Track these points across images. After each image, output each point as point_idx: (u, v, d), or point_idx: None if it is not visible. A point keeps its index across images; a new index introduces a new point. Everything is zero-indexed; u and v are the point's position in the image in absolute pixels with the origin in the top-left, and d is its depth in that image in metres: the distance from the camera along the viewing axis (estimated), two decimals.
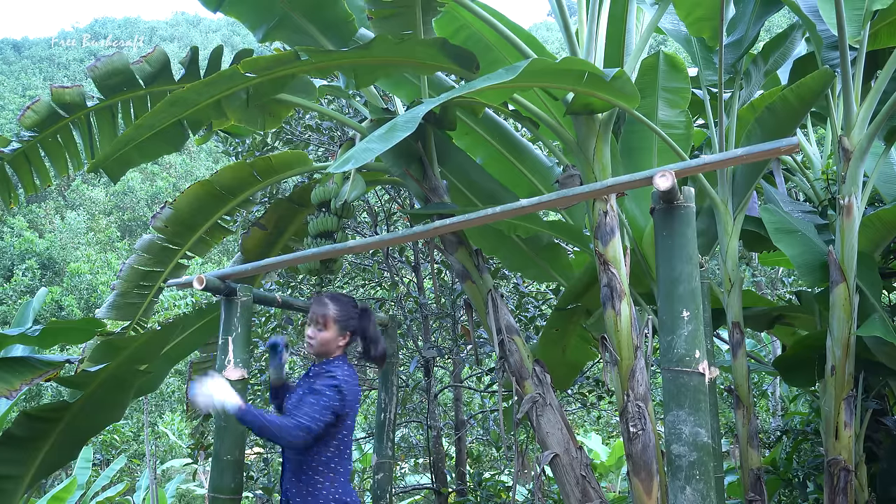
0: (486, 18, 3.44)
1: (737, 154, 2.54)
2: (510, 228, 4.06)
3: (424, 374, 5.90)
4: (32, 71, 49.33)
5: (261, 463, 6.09)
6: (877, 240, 3.68)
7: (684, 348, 2.57)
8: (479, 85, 2.67)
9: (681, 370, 2.56)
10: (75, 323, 4.55)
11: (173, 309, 10.35)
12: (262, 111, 3.86)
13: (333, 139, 5.72)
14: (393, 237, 3.66)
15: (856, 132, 3.46)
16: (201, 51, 3.85)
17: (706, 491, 2.49)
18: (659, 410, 5.70)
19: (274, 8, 3.60)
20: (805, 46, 4.33)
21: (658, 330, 2.93)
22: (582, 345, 4.47)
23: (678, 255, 2.57)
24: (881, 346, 3.49)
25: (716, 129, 3.79)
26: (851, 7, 3.42)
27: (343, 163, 2.57)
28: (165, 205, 4.34)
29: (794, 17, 3.99)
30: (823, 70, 3.57)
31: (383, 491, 4.35)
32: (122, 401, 4.14)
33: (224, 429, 3.35)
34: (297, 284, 5.90)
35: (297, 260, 3.44)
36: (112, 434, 12.32)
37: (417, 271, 6.14)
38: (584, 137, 3.39)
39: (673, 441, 2.55)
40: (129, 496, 10.47)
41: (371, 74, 3.28)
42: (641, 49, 3.60)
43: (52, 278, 24.70)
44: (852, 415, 3.44)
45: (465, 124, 4.08)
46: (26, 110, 3.88)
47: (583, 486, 3.39)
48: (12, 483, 3.96)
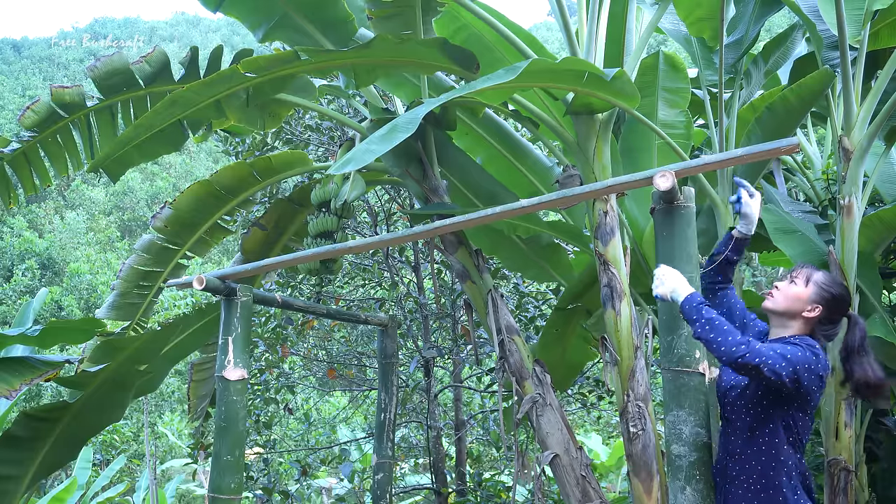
0: (486, 18, 3.43)
1: (737, 154, 2.54)
2: (510, 228, 4.06)
3: (424, 374, 5.90)
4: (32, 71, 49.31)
5: (261, 463, 6.09)
6: (877, 240, 3.68)
7: (684, 348, 2.58)
8: (479, 85, 2.68)
9: (681, 370, 2.57)
10: (75, 323, 4.56)
11: (173, 309, 10.35)
12: (261, 111, 3.86)
13: (333, 139, 5.72)
14: (393, 237, 3.66)
15: (856, 132, 3.45)
16: (201, 51, 3.85)
17: (706, 491, 2.49)
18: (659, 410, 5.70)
19: (274, 8, 3.60)
20: (805, 46, 4.32)
21: (658, 330, 2.93)
22: (582, 345, 4.46)
23: (678, 255, 2.57)
24: (881, 346, 3.48)
25: (716, 129, 3.79)
26: (851, 7, 3.42)
27: (343, 164, 2.57)
28: (165, 205, 4.34)
29: (794, 17, 3.98)
30: (824, 70, 3.57)
31: (383, 491, 4.36)
32: (122, 401, 4.14)
33: (224, 429, 3.35)
34: (297, 284, 5.90)
35: (297, 260, 3.44)
36: (112, 434, 12.31)
37: (417, 271, 6.14)
38: (584, 137, 3.39)
39: (673, 441, 2.55)
40: (129, 496, 10.45)
41: (371, 74, 3.28)
42: (641, 49, 3.60)
43: (52, 278, 24.68)
44: (852, 415, 3.44)
45: (465, 124, 4.08)
46: (26, 110, 3.88)
47: (583, 487, 3.39)
48: (12, 483, 3.96)
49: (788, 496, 2.36)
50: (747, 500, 2.39)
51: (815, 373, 2.34)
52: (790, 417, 2.39)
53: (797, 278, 2.51)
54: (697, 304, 2.39)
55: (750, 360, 2.27)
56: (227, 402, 3.35)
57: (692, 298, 2.42)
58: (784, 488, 2.36)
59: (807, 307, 2.47)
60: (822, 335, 2.50)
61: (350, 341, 6.94)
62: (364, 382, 7.16)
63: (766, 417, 2.39)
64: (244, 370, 3.37)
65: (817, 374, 2.35)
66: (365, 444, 8.23)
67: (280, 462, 7.54)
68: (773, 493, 2.36)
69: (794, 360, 2.30)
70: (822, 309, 2.47)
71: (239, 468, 3.36)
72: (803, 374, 2.31)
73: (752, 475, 2.39)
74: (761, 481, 2.38)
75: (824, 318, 2.49)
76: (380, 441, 4.43)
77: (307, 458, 6.88)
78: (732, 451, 2.46)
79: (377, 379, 4.75)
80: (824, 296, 2.46)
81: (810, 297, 2.47)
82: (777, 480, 2.37)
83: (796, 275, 2.52)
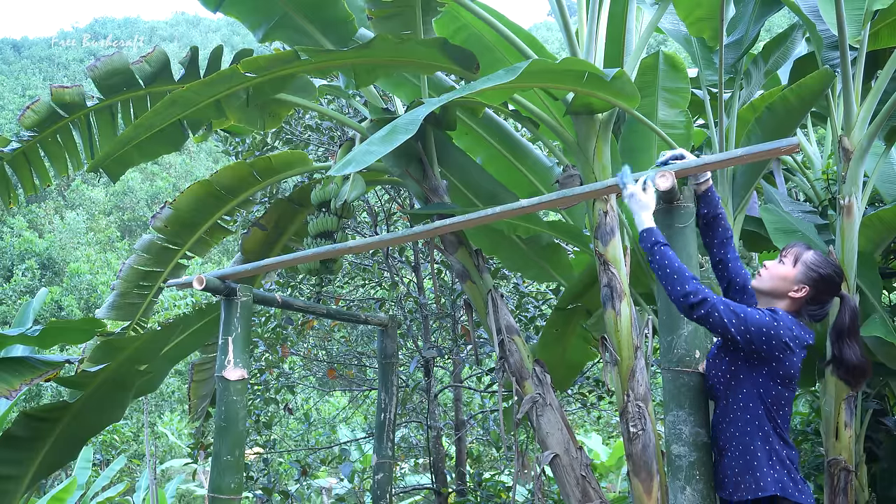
0: (486, 18, 3.43)
1: (737, 154, 2.54)
2: (510, 228, 4.06)
3: (424, 374, 5.90)
4: (32, 71, 49.30)
5: (261, 463, 6.09)
6: (877, 240, 3.67)
7: (684, 348, 2.58)
8: (479, 85, 2.68)
9: (681, 370, 2.57)
10: (75, 323, 4.56)
11: (173, 309, 10.35)
12: (261, 111, 3.86)
13: (333, 139, 5.72)
14: (393, 237, 3.66)
15: (856, 132, 3.45)
16: (201, 51, 3.85)
17: (706, 491, 2.50)
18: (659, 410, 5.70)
19: (274, 8, 3.60)
20: (805, 46, 4.32)
21: (658, 330, 2.93)
22: (582, 345, 4.46)
23: (678, 254, 2.57)
24: (881, 346, 3.48)
25: (716, 129, 3.79)
26: (851, 7, 3.42)
27: (344, 165, 2.57)
28: (165, 205, 4.34)
29: (794, 17, 3.98)
30: (823, 70, 3.57)
31: (383, 491, 4.36)
32: (122, 401, 4.14)
33: (224, 429, 3.35)
34: (297, 284, 5.90)
35: (297, 260, 3.44)
36: (112, 434, 12.32)
37: (417, 271, 6.14)
38: (584, 137, 3.39)
39: (673, 441, 2.55)
40: (128, 496, 10.46)
41: (371, 74, 3.28)
42: (641, 49, 3.60)
43: (52, 278, 24.67)
44: (852, 415, 3.44)
45: (465, 124, 4.08)
46: (26, 110, 3.88)
47: (583, 487, 3.39)
48: (12, 483, 3.96)
49: (763, 461, 2.36)
50: (731, 468, 2.42)
51: (776, 338, 2.34)
52: (761, 386, 2.39)
53: (785, 258, 2.50)
54: (654, 242, 2.43)
55: (698, 305, 2.32)
56: (227, 402, 3.35)
57: (651, 234, 2.45)
58: (759, 452, 2.37)
59: (793, 287, 2.46)
60: (809, 315, 2.49)
61: (350, 341, 6.94)
62: (364, 382, 7.16)
63: (737, 384, 2.42)
64: (244, 370, 3.37)
65: (780, 339, 2.34)
66: (365, 444, 8.24)
67: (280, 462, 7.54)
68: (749, 459, 2.39)
69: (747, 319, 2.33)
70: (808, 289, 2.45)
71: (239, 468, 3.36)
72: (758, 335, 2.32)
73: (731, 442, 2.43)
74: (739, 447, 2.41)
75: (811, 299, 2.46)
76: (380, 441, 4.43)
77: (307, 458, 6.88)
78: (716, 422, 2.51)
79: (377, 379, 4.75)
80: (812, 276, 2.44)
81: (797, 277, 2.46)
82: (752, 445, 2.39)
83: (785, 254, 2.51)
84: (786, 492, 2.34)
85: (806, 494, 2.37)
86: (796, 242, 2.56)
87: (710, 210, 2.66)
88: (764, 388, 2.40)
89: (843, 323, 2.51)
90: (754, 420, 2.39)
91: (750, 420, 2.40)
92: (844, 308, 2.52)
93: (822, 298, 2.48)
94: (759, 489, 2.35)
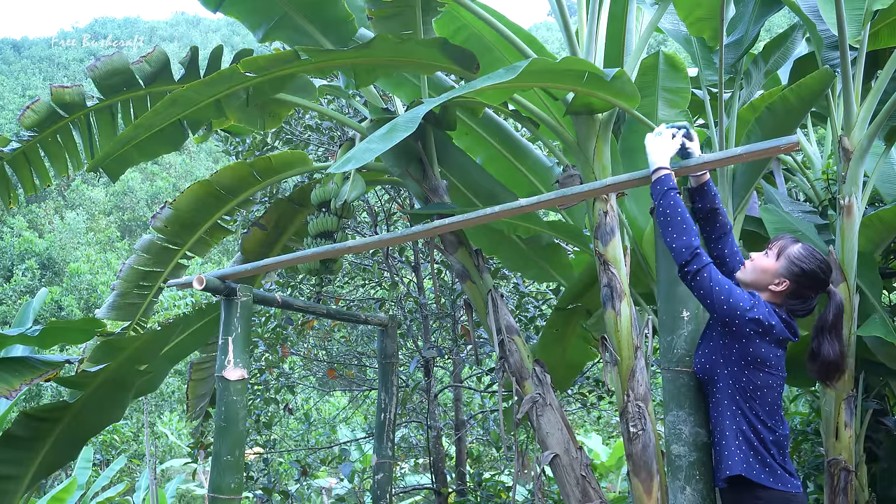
0: (486, 18, 3.43)
1: (737, 153, 2.54)
2: (510, 228, 4.06)
3: (424, 374, 5.90)
4: (32, 71, 49.31)
5: (261, 463, 6.09)
6: (877, 240, 3.67)
7: (684, 348, 2.58)
8: (479, 85, 2.67)
9: (681, 370, 2.57)
10: (75, 323, 4.56)
11: (173, 309, 10.36)
12: (261, 111, 3.86)
13: (333, 139, 5.72)
14: (393, 237, 3.66)
15: (856, 132, 3.45)
16: (201, 51, 3.85)
17: (706, 491, 2.50)
18: (659, 410, 5.70)
19: (274, 8, 3.60)
20: (805, 46, 4.32)
21: (658, 330, 2.93)
22: (582, 345, 4.46)
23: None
24: (881, 346, 3.48)
25: (716, 129, 3.79)
26: (851, 7, 3.42)
27: (343, 163, 2.57)
28: (165, 205, 4.34)
29: (794, 17, 3.98)
30: (823, 70, 3.57)
31: (383, 491, 4.36)
32: (122, 401, 4.14)
33: (224, 429, 3.35)
34: (297, 284, 5.90)
35: (297, 260, 3.44)
36: (112, 434, 12.32)
37: (417, 271, 6.14)
38: (584, 137, 3.39)
39: (673, 441, 2.55)
40: (128, 496, 10.46)
41: (371, 74, 3.28)
42: (641, 49, 3.60)
43: (52, 278, 24.68)
44: (852, 415, 3.44)
45: (465, 124, 4.08)
46: (26, 110, 3.88)
47: (583, 486, 3.39)
48: (12, 483, 3.97)
49: (730, 441, 2.37)
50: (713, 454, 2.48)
51: (749, 315, 2.34)
52: (734, 365, 2.39)
53: (770, 250, 2.47)
54: (670, 187, 2.43)
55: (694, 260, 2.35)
56: (227, 402, 3.35)
57: (668, 178, 2.44)
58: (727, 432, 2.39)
59: (773, 281, 2.43)
60: (790, 310, 2.46)
61: (350, 341, 6.94)
62: (364, 382, 7.16)
63: (714, 370, 2.44)
64: (244, 370, 3.37)
65: (753, 317, 2.34)
66: (365, 444, 8.24)
67: (280, 462, 7.54)
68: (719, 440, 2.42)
69: (731, 291, 2.35)
70: (788, 283, 2.42)
71: (239, 468, 3.36)
72: (734, 308, 2.33)
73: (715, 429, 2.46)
74: (716, 431, 2.45)
75: (791, 293, 2.43)
76: (380, 441, 4.43)
77: (307, 458, 6.88)
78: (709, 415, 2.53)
79: (377, 379, 4.75)
80: (793, 270, 2.41)
81: (778, 270, 2.42)
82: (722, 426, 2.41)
83: (771, 246, 2.48)
84: (751, 473, 2.31)
85: (783, 481, 2.32)
86: (784, 235, 2.53)
87: (708, 204, 2.64)
88: (737, 368, 2.38)
89: (826, 318, 2.47)
90: (729, 404, 2.40)
91: (726, 405, 2.40)
92: (830, 303, 2.49)
93: (803, 293, 2.45)
94: (727, 468, 2.36)
